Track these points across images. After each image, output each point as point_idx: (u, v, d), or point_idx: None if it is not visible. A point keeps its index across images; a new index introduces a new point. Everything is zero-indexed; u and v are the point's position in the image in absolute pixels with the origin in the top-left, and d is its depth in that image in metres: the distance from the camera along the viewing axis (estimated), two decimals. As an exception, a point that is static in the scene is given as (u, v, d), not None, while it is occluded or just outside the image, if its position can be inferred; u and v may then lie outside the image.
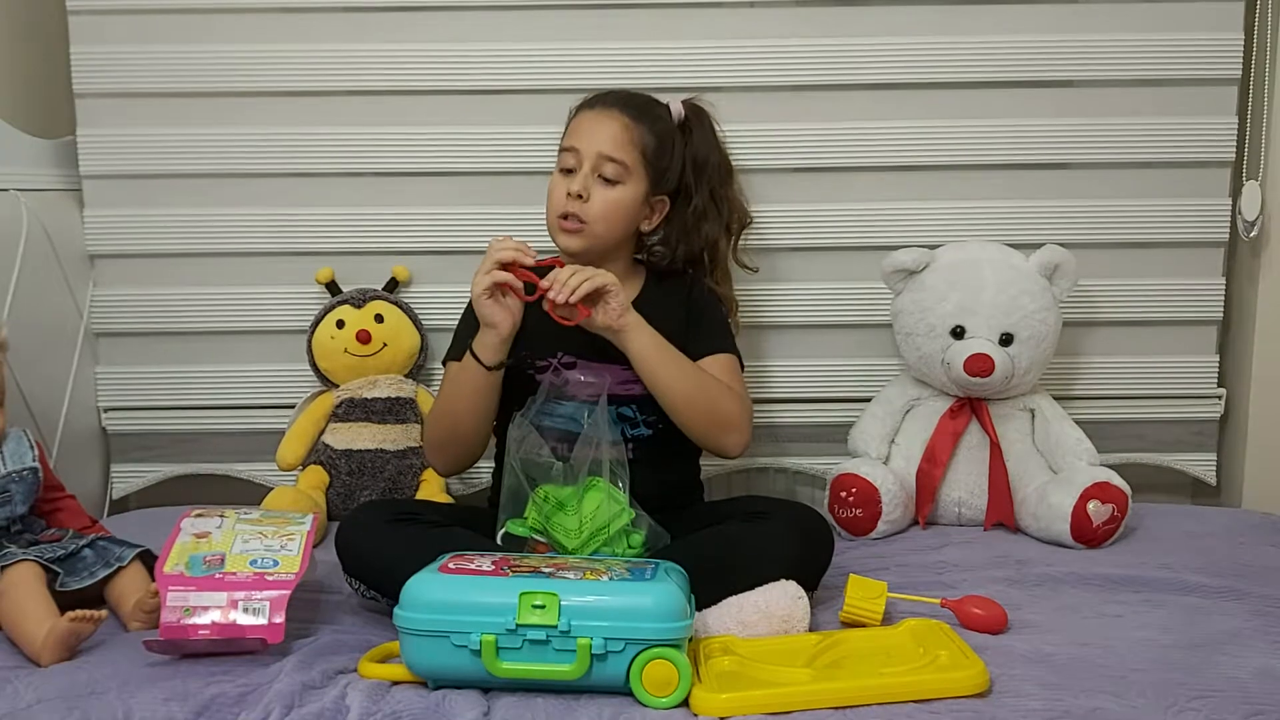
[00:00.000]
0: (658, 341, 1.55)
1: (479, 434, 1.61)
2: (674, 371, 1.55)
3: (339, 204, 2.02)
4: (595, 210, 1.58)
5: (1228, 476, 2.10)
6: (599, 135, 1.59)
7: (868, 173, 2.00)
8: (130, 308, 2.05)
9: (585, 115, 1.63)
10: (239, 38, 1.98)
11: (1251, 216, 1.96)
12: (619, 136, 1.59)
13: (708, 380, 1.58)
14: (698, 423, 1.57)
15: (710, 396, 1.57)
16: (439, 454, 1.65)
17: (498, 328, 1.51)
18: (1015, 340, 1.81)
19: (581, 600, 1.19)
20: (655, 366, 1.54)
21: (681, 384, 1.55)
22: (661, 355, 1.54)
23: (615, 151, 1.58)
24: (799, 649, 1.29)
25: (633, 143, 1.60)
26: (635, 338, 1.53)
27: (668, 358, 1.55)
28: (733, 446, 1.60)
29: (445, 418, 1.60)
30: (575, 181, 1.57)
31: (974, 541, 1.77)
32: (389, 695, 1.20)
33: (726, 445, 1.60)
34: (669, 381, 1.55)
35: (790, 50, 1.97)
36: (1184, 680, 1.21)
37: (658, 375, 1.54)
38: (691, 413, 1.56)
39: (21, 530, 1.47)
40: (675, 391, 1.55)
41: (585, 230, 1.59)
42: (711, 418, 1.57)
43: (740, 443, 1.61)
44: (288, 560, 1.34)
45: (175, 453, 2.09)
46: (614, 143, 1.59)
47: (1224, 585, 1.51)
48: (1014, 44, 1.97)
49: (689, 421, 1.57)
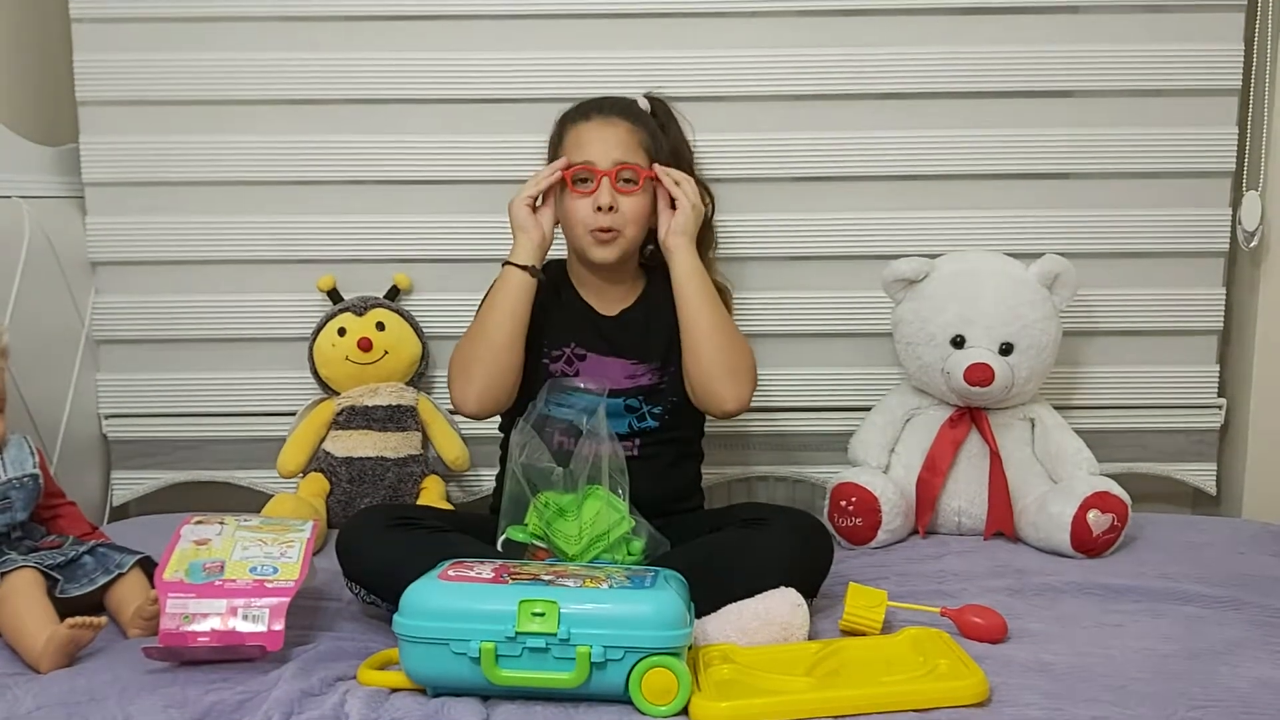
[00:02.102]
0: (700, 269, 1.60)
1: (512, 352, 1.58)
2: (707, 300, 1.59)
3: (341, 212, 2.03)
4: (627, 216, 1.60)
5: (1228, 486, 2.10)
6: (610, 144, 1.60)
7: (868, 182, 2.01)
8: (131, 315, 2.06)
9: (586, 128, 1.63)
10: (241, 46, 1.98)
11: (1251, 226, 1.96)
12: (628, 141, 1.61)
13: (732, 323, 1.62)
14: (713, 360, 1.58)
15: (732, 337, 1.60)
16: (468, 376, 1.59)
17: (529, 232, 1.60)
18: (1015, 350, 1.81)
19: (581, 608, 1.19)
20: (694, 290, 1.58)
21: (710, 313, 1.59)
22: (700, 281, 1.59)
23: (629, 156, 1.60)
24: (799, 657, 1.28)
25: (639, 145, 1.62)
26: (681, 259, 1.59)
27: (704, 286, 1.59)
28: (732, 399, 1.59)
29: (479, 331, 1.59)
30: (602, 194, 1.58)
31: (974, 551, 1.76)
32: (388, 702, 1.20)
33: (727, 397, 1.59)
34: (699, 305, 1.59)
35: (791, 60, 1.98)
36: (1184, 690, 1.21)
37: (689, 299, 1.59)
38: (711, 346, 1.58)
39: (22, 537, 1.47)
40: (703, 317, 1.58)
41: (621, 237, 1.60)
42: (727, 357, 1.58)
43: (740, 397, 1.60)
44: (287, 567, 1.34)
45: (176, 460, 2.09)
46: (625, 148, 1.61)
47: (1224, 595, 1.51)
48: (1015, 54, 1.97)
49: (706, 354, 1.58)
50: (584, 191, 1.60)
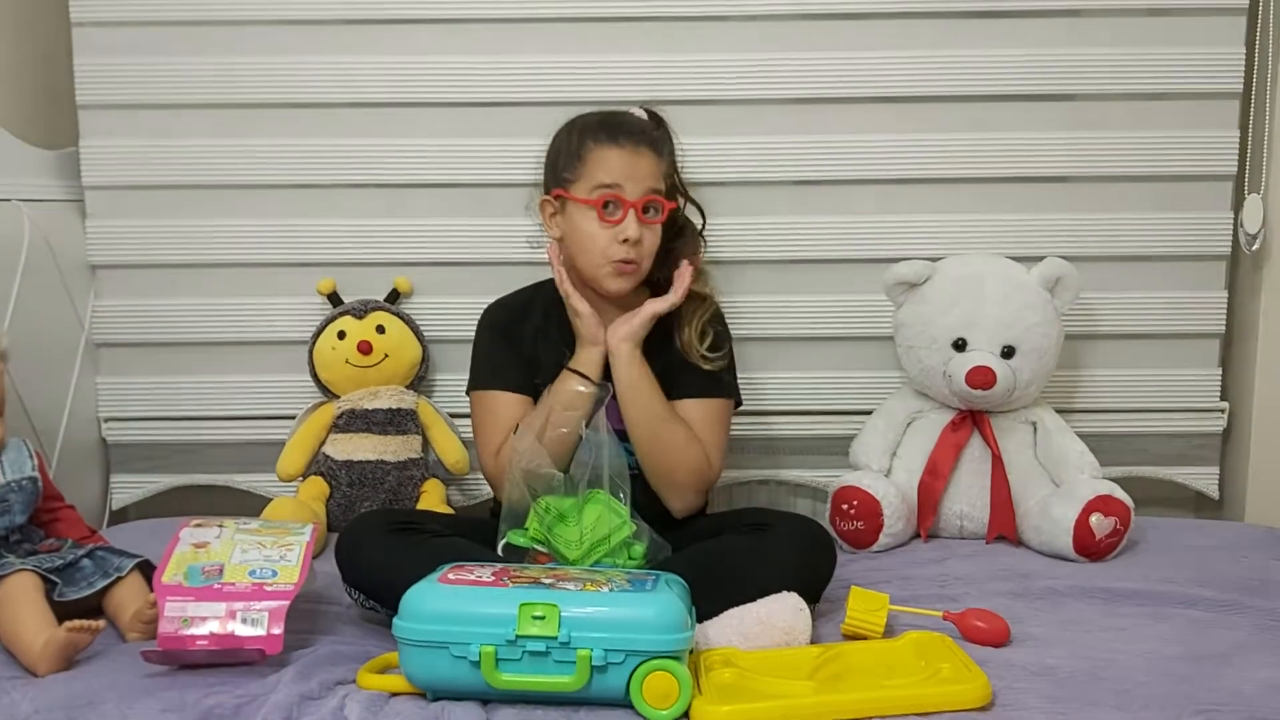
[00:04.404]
0: (641, 380, 1.56)
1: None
2: (645, 415, 1.56)
3: (341, 215, 2.02)
4: (646, 249, 1.57)
5: (1230, 490, 2.09)
6: (642, 174, 1.55)
7: (869, 185, 2.00)
8: (131, 318, 2.05)
9: (617, 154, 1.55)
10: (241, 49, 1.98)
11: (1254, 229, 1.96)
12: (655, 172, 1.57)
13: (677, 433, 1.57)
14: (654, 472, 1.58)
15: (672, 451, 1.57)
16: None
17: (600, 344, 1.56)
18: (1017, 353, 1.81)
19: (582, 611, 1.19)
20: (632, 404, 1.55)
21: (649, 430, 1.56)
22: (637, 395, 1.56)
23: (658, 186, 1.57)
24: (800, 661, 1.28)
25: (664, 174, 1.59)
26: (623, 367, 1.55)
27: (644, 399, 1.56)
28: (679, 507, 1.60)
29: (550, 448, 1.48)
30: (630, 227, 1.53)
31: (976, 554, 1.76)
32: (388, 706, 1.19)
33: (674, 506, 1.60)
34: (638, 420, 1.56)
35: (789, 64, 1.97)
36: (1188, 694, 1.21)
37: (630, 415, 1.56)
38: (651, 460, 1.57)
39: (20, 540, 1.46)
40: (643, 433, 1.56)
41: (639, 270, 1.58)
42: (667, 472, 1.58)
43: (687, 506, 1.61)
44: (286, 571, 1.34)
45: (175, 463, 2.09)
46: (654, 178, 1.57)
47: (1227, 599, 1.51)
48: (1016, 58, 1.97)
49: (648, 466, 1.57)
50: (610, 220, 1.55)
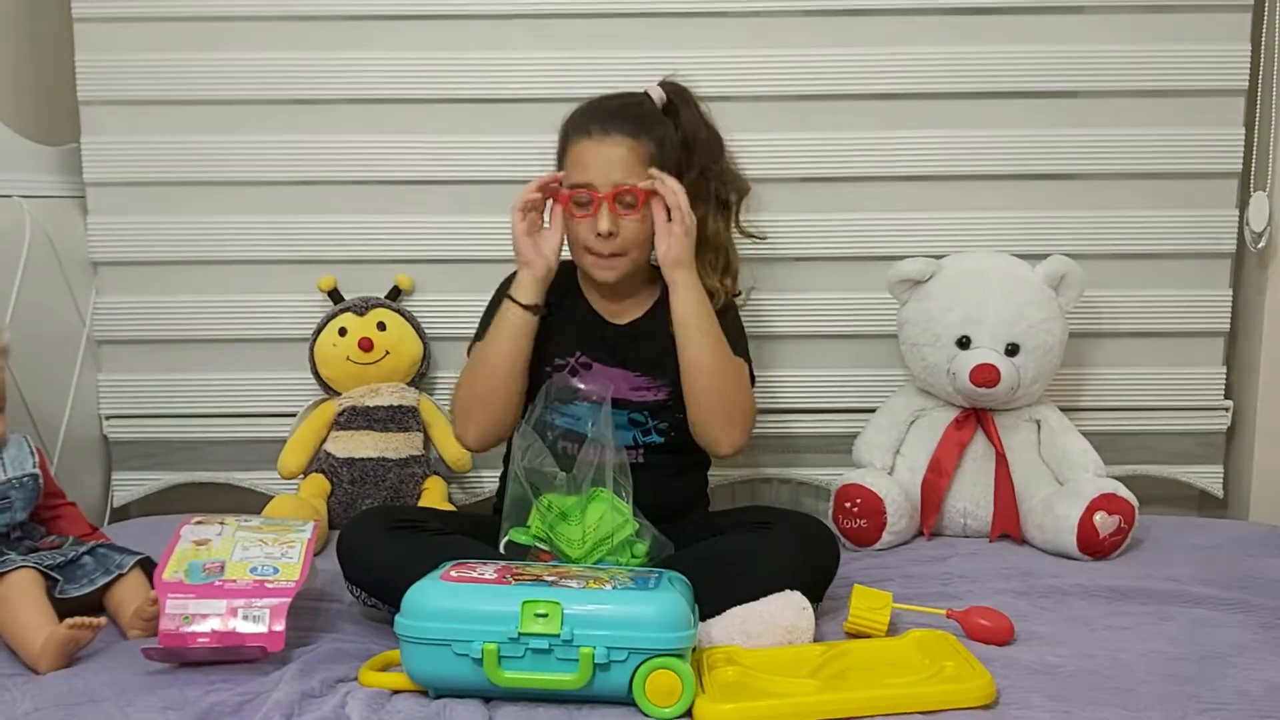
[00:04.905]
0: (700, 305, 1.55)
1: (511, 390, 1.57)
2: (707, 340, 1.54)
3: (342, 212, 2.02)
4: (628, 239, 1.57)
5: (1235, 489, 2.08)
6: (610, 165, 1.55)
7: (873, 183, 2.00)
8: (133, 315, 2.05)
9: (587, 146, 1.56)
10: (243, 46, 1.98)
11: (1259, 227, 1.95)
12: (627, 160, 1.56)
13: (734, 364, 1.57)
14: (711, 404, 1.55)
15: (732, 379, 1.56)
16: (469, 416, 1.59)
17: (533, 267, 1.55)
18: (1021, 350, 1.80)
19: (584, 609, 1.18)
20: (693, 330, 1.54)
21: (710, 356, 1.54)
22: (699, 320, 1.54)
23: (629, 177, 1.55)
24: (804, 660, 1.27)
25: (641, 161, 1.57)
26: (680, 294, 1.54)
27: (704, 324, 1.54)
28: (727, 444, 1.57)
29: (479, 369, 1.58)
30: (601, 220, 1.54)
31: (980, 553, 1.76)
32: (389, 704, 1.19)
33: (722, 441, 1.57)
34: (698, 346, 1.54)
35: (795, 60, 1.97)
36: (1193, 693, 1.20)
37: (688, 340, 1.54)
38: (710, 389, 1.55)
39: (21, 537, 1.46)
40: (703, 360, 1.54)
41: (623, 259, 1.58)
42: (725, 402, 1.55)
43: (735, 442, 1.58)
44: (288, 568, 1.33)
45: (176, 460, 2.09)
46: (625, 170, 1.55)
47: (1232, 598, 1.50)
48: (1020, 54, 1.97)
49: (704, 397, 1.55)
50: (583, 215, 1.56)
